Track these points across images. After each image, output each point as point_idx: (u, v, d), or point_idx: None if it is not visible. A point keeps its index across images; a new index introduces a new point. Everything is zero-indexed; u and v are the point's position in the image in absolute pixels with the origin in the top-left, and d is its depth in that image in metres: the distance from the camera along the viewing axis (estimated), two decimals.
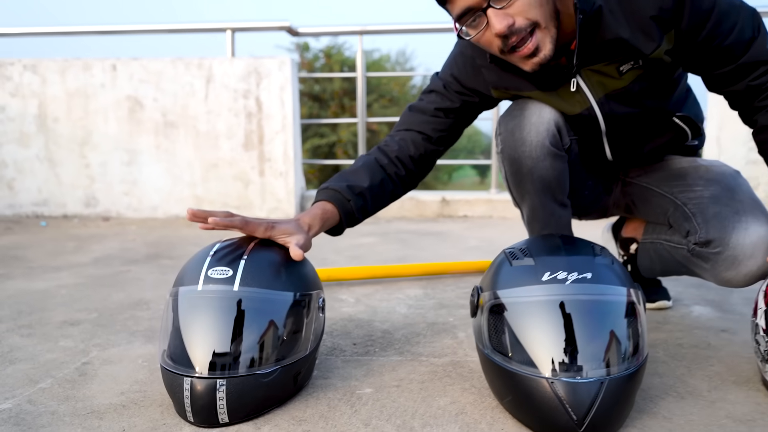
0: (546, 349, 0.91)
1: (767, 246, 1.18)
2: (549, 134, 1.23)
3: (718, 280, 1.26)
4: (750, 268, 1.19)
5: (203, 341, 0.96)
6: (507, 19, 1.04)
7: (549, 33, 1.08)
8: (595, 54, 1.18)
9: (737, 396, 1.05)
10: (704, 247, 1.25)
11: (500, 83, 1.26)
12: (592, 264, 0.97)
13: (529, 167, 1.26)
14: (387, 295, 1.74)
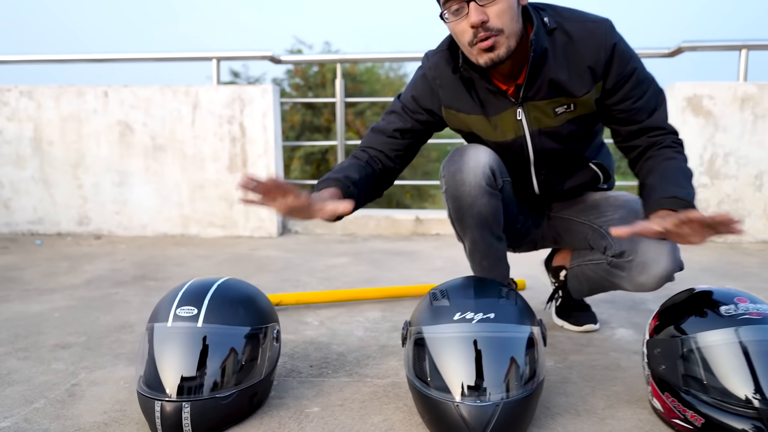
0: (454, 377, 1.10)
1: (668, 251, 1.41)
2: (485, 176, 1.43)
3: (634, 286, 1.49)
4: (657, 270, 1.43)
5: (172, 370, 1.15)
6: (483, 15, 1.26)
7: (508, 43, 1.30)
8: (538, 90, 1.39)
9: (625, 413, 1.24)
10: (619, 258, 1.48)
11: (451, 103, 1.45)
12: (496, 305, 1.17)
13: (469, 204, 1.46)
14: (349, 317, 1.92)
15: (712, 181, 3.18)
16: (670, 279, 1.46)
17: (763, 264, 2.70)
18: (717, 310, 1.15)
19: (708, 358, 1.11)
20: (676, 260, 1.43)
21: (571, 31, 1.38)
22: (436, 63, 1.46)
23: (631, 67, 1.39)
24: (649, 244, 1.43)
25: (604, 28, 1.38)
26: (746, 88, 3.11)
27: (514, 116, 1.43)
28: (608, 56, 1.37)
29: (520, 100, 1.41)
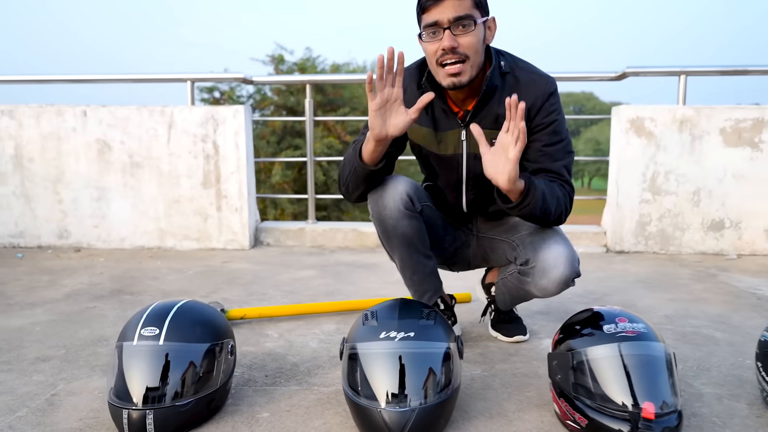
0: (378, 387, 1.30)
1: (566, 258, 1.63)
2: (402, 201, 1.66)
3: (539, 290, 1.70)
4: (556, 275, 1.64)
5: (138, 383, 1.33)
6: (454, 42, 1.52)
7: (471, 71, 1.56)
8: (482, 119, 1.64)
9: (532, 416, 1.45)
10: (525, 266, 1.70)
11: None
12: (416, 325, 1.37)
13: (392, 226, 1.68)
14: (306, 330, 2.12)
15: (654, 197, 3.41)
16: (569, 284, 1.67)
17: (693, 276, 2.93)
18: (601, 328, 1.36)
19: (591, 370, 1.32)
20: (573, 267, 1.64)
21: (520, 77, 1.65)
22: (404, 78, 1.67)
23: (553, 118, 1.66)
24: (549, 253, 1.64)
25: (547, 82, 1.66)
26: (684, 111, 3.35)
27: (458, 136, 1.68)
28: (542, 103, 1.64)
29: (466, 124, 1.66)
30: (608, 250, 3.53)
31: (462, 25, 1.52)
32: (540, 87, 1.64)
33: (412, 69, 1.71)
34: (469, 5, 1.52)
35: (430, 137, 1.71)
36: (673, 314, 2.28)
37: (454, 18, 1.51)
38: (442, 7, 1.51)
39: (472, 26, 1.53)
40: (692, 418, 1.43)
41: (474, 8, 1.53)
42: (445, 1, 1.50)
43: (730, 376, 1.68)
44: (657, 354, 1.32)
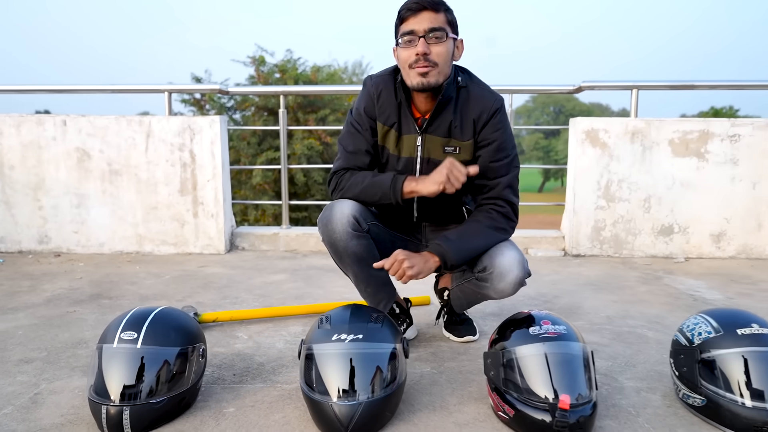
0: (330, 383, 1.47)
1: (518, 263, 1.81)
2: (350, 224, 1.82)
3: (497, 292, 1.88)
4: (511, 277, 1.82)
5: (116, 381, 1.48)
6: (427, 49, 1.72)
7: (438, 77, 1.77)
8: (437, 128, 1.84)
9: (470, 408, 1.63)
10: (483, 272, 1.87)
11: (380, 114, 1.88)
12: (365, 328, 1.54)
13: (343, 247, 1.84)
14: (274, 332, 2.28)
15: (608, 203, 3.62)
16: (522, 284, 1.86)
17: (640, 278, 3.14)
18: (527, 330, 1.54)
19: (518, 367, 1.50)
20: (524, 269, 1.83)
21: (472, 92, 1.86)
22: (377, 81, 1.90)
23: (498, 136, 1.86)
24: (504, 259, 1.82)
25: (495, 99, 1.87)
26: (636, 123, 3.57)
27: (415, 141, 1.87)
28: (488, 118, 1.84)
29: (422, 131, 1.85)
30: (566, 253, 3.73)
31: (435, 36, 1.73)
32: (488, 102, 1.84)
33: (385, 75, 1.90)
34: (443, 20, 1.75)
35: (393, 138, 1.89)
36: (613, 315, 2.48)
37: (429, 28, 1.72)
38: (419, 18, 1.73)
39: (444, 38, 1.74)
40: (611, 408, 1.62)
41: (447, 24, 1.76)
42: (422, 13, 1.72)
43: (652, 371, 1.88)
44: (575, 353, 1.50)
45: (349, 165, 1.90)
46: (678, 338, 1.66)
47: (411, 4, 1.73)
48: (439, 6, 1.74)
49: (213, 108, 13.04)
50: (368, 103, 1.89)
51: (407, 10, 1.74)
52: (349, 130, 1.92)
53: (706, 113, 34.99)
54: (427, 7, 1.72)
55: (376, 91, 1.88)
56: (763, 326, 1.53)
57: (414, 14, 1.73)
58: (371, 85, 1.90)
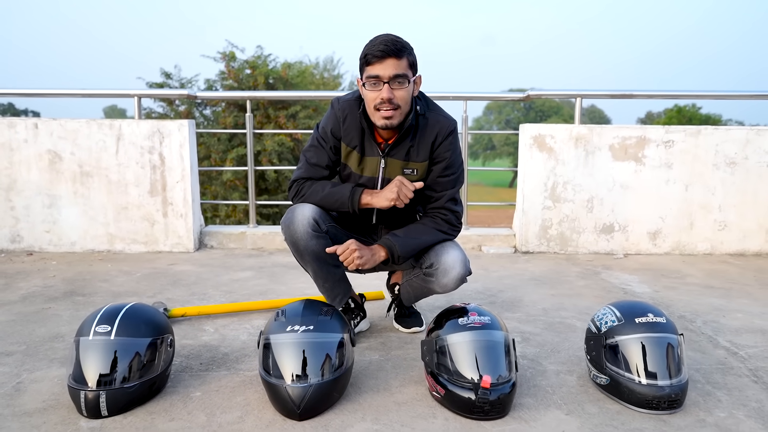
0: (284, 368, 1.68)
1: (461, 261, 2.05)
2: (309, 225, 2.03)
3: (441, 287, 2.11)
4: (454, 274, 2.06)
5: (92, 369, 1.67)
6: (391, 94, 1.92)
7: (400, 117, 1.99)
8: (397, 152, 2.07)
9: (410, 390, 1.86)
10: (429, 269, 2.10)
11: (344, 136, 2.10)
12: (316, 320, 1.76)
13: (303, 246, 2.05)
14: (239, 325, 2.48)
15: (554, 204, 3.89)
16: (463, 281, 2.10)
17: (580, 273, 3.42)
18: (457, 320, 1.78)
19: (448, 352, 1.73)
20: (466, 268, 2.07)
21: (429, 119, 2.09)
22: (344, 106, 2.10)
23: (450, 154, 2.11)
24: (447, 257, 2.06)
25: (449, 123, 2.11)
26: (579, 129, 3.84)
27: (377, 163, 2.09)
28: (442, 140, 2.08)
29: (384, 155, 2.07)
30: (516, 250, 4.00)
31: (398, 81, 1.93)
32: (443, 126, 2.08)
33: (351, 101, 2.10)
34: (405, 65, 1.95)
35: (356, 159, 2.10)
36: (549, 307, 2.74)
37: (393, 75, 1.92)
38: (385, 65, 1.91)
39: (406, 83, 1.95)
40: (532, 388, 1.87)
41: (408, 68, 1.95)
42: (387, 59, 1.91)
43: (574, 357, 2.13)
44: (497, 340, 1.74)
45: (309, 175, 2.11)
46: (590, 327, 1.91)
47: (377, 51, 1.91)
48: (402, 52, 1.93)
49: (183, 104, 13.08)
50: (335, 125, 2.09)
51: (373, 56, 1.92)
52: (314, 144, 2.12)
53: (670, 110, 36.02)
54: (391, 55, 1.91)
55: (342, 115, 2.08)
56: (657, 315, 1.79)
57: (379, 60, 1.90)
58: (338, 108, 2.10)
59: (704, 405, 1.75)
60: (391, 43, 1.91)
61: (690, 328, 2.44)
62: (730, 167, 3.87)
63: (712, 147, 3.85)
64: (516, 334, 2.36)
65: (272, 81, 14.36)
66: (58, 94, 4.08)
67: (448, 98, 4.00)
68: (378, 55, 1.90)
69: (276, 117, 13.68)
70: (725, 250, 3.94)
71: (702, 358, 2.12)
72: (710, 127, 3.88)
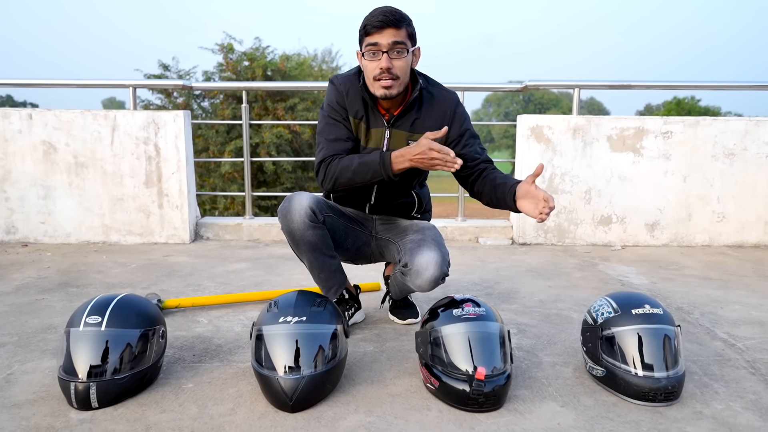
0: (277, 360, 1.67)
1: (435, 263, 2.01)
2: (307, 215, 2.00)
3: (416, 286, 2.08)
4: (427, 276, 2.02)
5: (83, 361, 1.65)
6: (390, 64, 1.92)
7: (399, 87, 1.99)
8: (403, 123, 2.06)
9: (404, 381, 1.84)
10: (405, 267, 2.08)
11: (350, 108, 2.08)
12: (308, 311, 1.74)
13: (299, 236, 2.03)
14: (233, 316, 2.46)
15: (552, 195, 3.86)
16: (438, 282, 2.05)
17: (577, 265, 3.40)
18: (452, 311, 1.76)
19: (443, 344, 1.71)
20: (441, 270, 2.03)
21: (434, 93, 2.10)
22: (344, 80, 2.09)
23: (466, 126, 2.11)
24: (422, 258, 2.02)
25: (452, 95, 2.12)
26: (577, 120, 3.81)
27: (382, 133, 2.07)
28: (452, 113, 2.08)
29: (390, 125, 2.06)
30: (513, 241, 3.98)
31: (397, 50, 1.93)
32: (449, 102, 2.09)
33: (351, 75, 2.09)
34: (405, 35, 1.95)
35: (362, 130, 2.09)
36: (546, 299, 2.72)
37: (392, 42, 1.91)
38: (384, 34, 1.91)
39: (405, 52, 1.94)
40: (527, 380, 1.85)
41: (407, 38, 1.96)
42: (386, 29, 1.91)
43: (570, 348, 2.12)
44: (492, 331, 1.72)
45: (333, 152, 2.04)
46: (586, 318, 1.89)
47: (375, 21, 1.91)
48: (401, 23, 1.93)
49: (181, 96, 13.03)
50: (339, 98, 2.07)
51: (372, 27, 1.92)
52: (327, 122, 2.09)
53: (670, 102, 35.96)
54: (390, 25, 1.91)
55: (344, 89, 2.07)
56: (654, 306, 1.77)
57: (378, 30, 1.91)
58: (339, 83, 2.09)
59: (701, 397, 1.73)
60: (390, 13, 1.91)
61: (687, 320, 2.43)
62: (728, 158, 3.84)
63: (710, 138, 3.82)
64: (512, 325, 2.34)
65: (270, 73, 14.31)
66: (54, 84, 4.04)
67: None
68: (377, 25, 1.90)
69: (274, 109, 13.64)
70: (723, 242, 3.92)
71: (699, 349, 2.11)
72: (709, 118, 3.85)
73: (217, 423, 1.58)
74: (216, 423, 1.58)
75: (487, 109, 55.24)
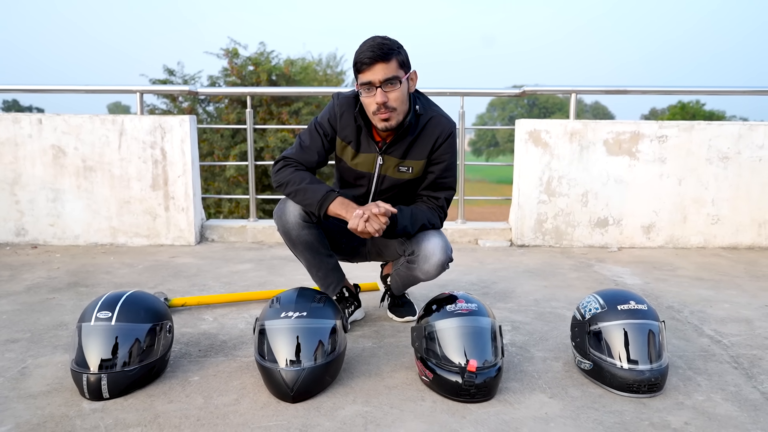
0: (279, 353, 1.75)
1: (441, 248, 2.10)
2: (300, 216, 2.10)
3: (423, 273, 2.16)
4: (435, 260, 2.11)
5: (94, 354, 1.74)
6: (385, 98, 1.96)
7: (398, 117, 2.04)
8: (395, 150, 2.12)
9: (400, 374, 1.92)
10: (411, 255, 2.17)
11: (340, 131, 2.15)
12: (309, 307, 1.82)
13: (295, 235, 2.12)
14: (237, 314, 2.55)
15: (550, 198, 3.95)
16: (445, 267, 2.14)
17: (573, 266, 3.48)
18: (445, 307, 1.84)
19: (437, 338, 1.80)
20: (447, 254, 2.12)
21: (431, 118, 2.14)
22: (342, 102, 2.15)
23: (449, 156, 2.17)
24: (428, 244, 2.11)
25: (450, 124, 2.16)
26: (574, 124, 3.90)
27: (375, 159, 2.14)
28: (442, 141, 2.13)
29: (382, 152, 2.12)
30: (512, 244, 4.06)
31: (390, 83, 1.96)
32: (444, 127, 2.13)
33: (349, 98, 2.15)
34: (395, 67, 1.98)
35: (351, 154, 2.16)
36: (541, 298, 2.80)
37: (383, 79, 1.95)
38: (374, 71, 1.95)
39: (398, 84, 1.98)
40: (518, 374, 1.93)
41: (399, 69, 1.97)
42: (375, 66, 1.95)
43: (561, 344, 2.19)
44: (483, 326, 1.80)
45: (298, 158, 2.13)
46: (575, 314, 1.97)
47: (365, 59, 1.95)
48: (389, 55, 1.95)
49: (186, 100, 13.16)
50: (332, 118, 2.15)
51: (362, 64, 1.96)
52: (311, 130, 2.17)
53: (674, 107, 35.96)
54: (378, 60, 1.94)
55: (340, 111, 2.13)
56: (639, 303, 1.85)
57: (368, 67, 1.94)
58: (337, 104, 2.15)
59: (684, 389, 1.81)
60: (377, 47, 1.94)
61: (677, 318, 2.50)
62: (723, 162, 3.92)
63: (705, 142, 3.90)
64: (506, 323, 2.42)
65: (275, 78, 14.42)
66: (61, 90, 4.15)
67: (445, 94, 4.06)
68: (366, 62, 1.95)
69: (279, 114, 13.74)
70: (718, 244, 3.99)
71: (686, 345, 2.18)
72: (703, 122, 3.93)
73: (222, 412, 1.67)
74: (221, 412, 1.67)
75: (491, 113, 55.36)
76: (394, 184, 2.17)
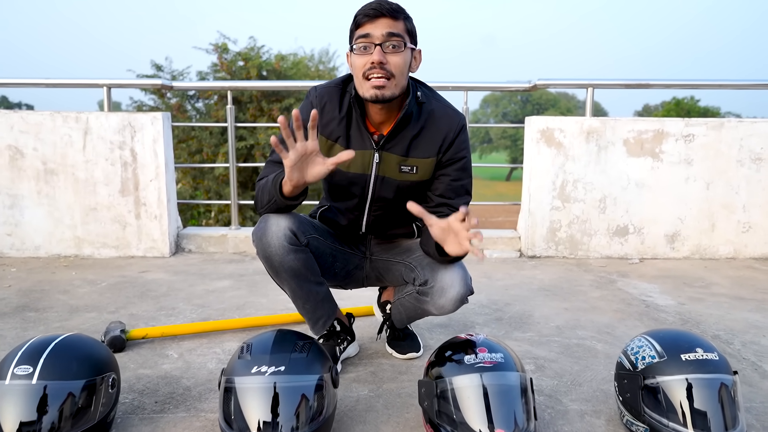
0: (250, 420, 1.35)
1: (461, 279, 1.72)
2: (286, 237, 1.69)
3: (437, 308, 1.78)
4: (452, 293, 1.73)
5: (11, 420, 1.34)
6: (383, 58, 1.59)
7: (393, 89, 1.63)
8: (395, 144, 1.72)
9: None
10: (424, 286, 1.78)
11: (323, 130, 1.74)
12: (287, 359, 1.42)
13: (279, 262, 1.71)
14: (207, 349, 2.14)
15: (564, 204, 3.56)
16: (464, 301, 1.76)
17: (594, 282, 3.09)
18: (462, 358, 1.44)
19: (453, 398, 1.40)
20: (467, 286, 1.74)
21: (435, 109, 1.74)
22: (322, 93, 1.74)
23: (463, 155, 1.76)
24: (446, 274, 1.73)
25: (459, 117, 1.76)
26: (591, 122, 3.51)
27: (370, 157, 1.73)
28: (453, 138, 1.73)
29: (379, 147, 1.72)
30: (522, 254, 3.67)
31: (393, 44, 1.59)
32: (453, 120, 1.74)
33: (331, 86, 1.75)
34: (402, 28, 1.62)
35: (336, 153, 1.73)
36: (563, 325, 2.41)
37: (387, 33, 1.59)
38: (377, 24, 1.59)
39: (402, 47, 1.61)
40: None
41: (405, 33, 1.63)
42: (380, 19, 1.59)
43: (598, 391, 1.80)
44: (512, 383, 1.41)
45: (267, 174, 1.75)
46: (622, 361, 1.58)
47: (368, 10, 1.60)
48: (399, 13, 1.62)
49: (175, 96, 12.67)
50: (308, 114, 1.74)
51: (364, 16, 1.60)
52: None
53: (668, 102, 35.70)
54: (385, 14, 1.59)
55: (320, 104, 1.73)
56: (708, 351, 1.47)
57: (371, 20, 1.59)
58: (314, 96, 1.75)
59: None
60: (386, 2, 1.60)
61: (728, 352, 2.12)
62: (755, 164, 3.54)
63: (736, 142, 3.52)
64: (528, 360, 2.03)
65: (266, 73, 13.96)
66: (23, 84, 3.72)
67: (448, 88, 3.67)
68: (370, 14, 1.59)
69: (269, 110, 13.28)
70: (749, 254, 3.62)
71: (749, 392, 1.80)
72: (734, 120, 3.55)
73: None
74: None
75: (485, 110, 54.91)
76: (396, 188, 1.77)
